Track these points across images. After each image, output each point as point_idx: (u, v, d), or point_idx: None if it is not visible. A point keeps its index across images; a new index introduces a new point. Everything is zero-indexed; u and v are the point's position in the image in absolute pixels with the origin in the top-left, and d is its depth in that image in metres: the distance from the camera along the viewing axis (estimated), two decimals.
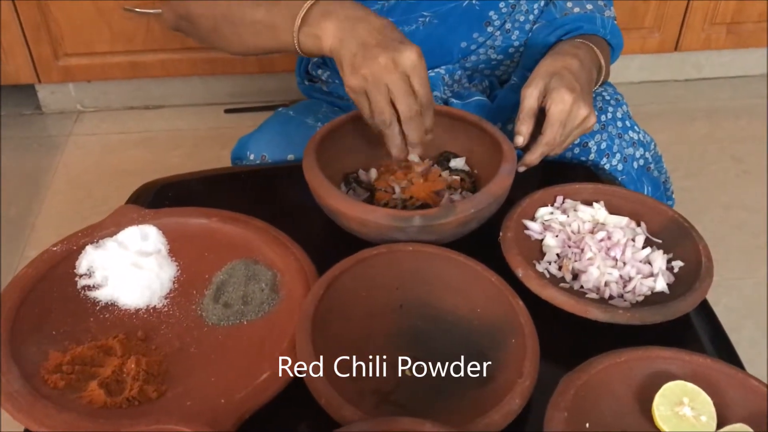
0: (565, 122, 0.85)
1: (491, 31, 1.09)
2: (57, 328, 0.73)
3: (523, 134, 0.87)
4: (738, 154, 1.98)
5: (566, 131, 0.86)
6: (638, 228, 0.84)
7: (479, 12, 1.07)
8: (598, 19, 1.06)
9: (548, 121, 0.85)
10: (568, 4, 1.08)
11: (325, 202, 0.81)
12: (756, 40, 2.09)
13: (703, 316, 0.80)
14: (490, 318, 0.73)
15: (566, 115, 0.85)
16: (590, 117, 0.87)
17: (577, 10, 1.07)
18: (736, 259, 1.67)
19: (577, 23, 1.05)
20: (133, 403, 0.66)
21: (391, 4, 1.06)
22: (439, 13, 1.07)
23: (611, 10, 1.11)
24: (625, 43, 2.05)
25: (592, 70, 0.93)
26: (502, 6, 1.07)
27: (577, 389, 0.64)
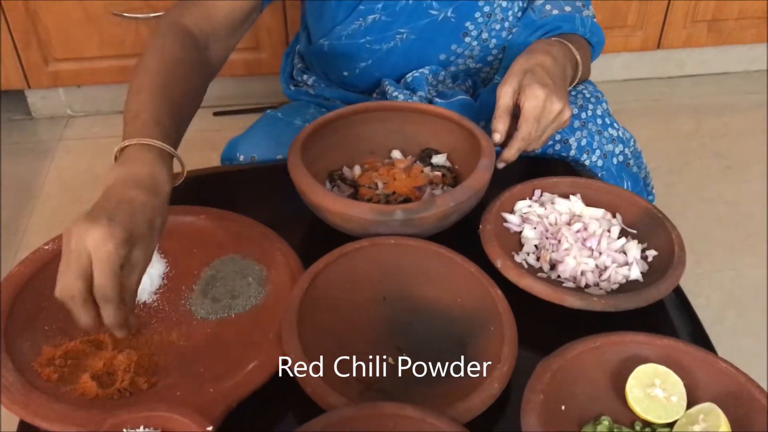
0: (539, 117, 0.88)
1: (469, 42, 1.11)
2: (49, 324, 0.75)
3: (500, 131, 0.89)
4: (720, 149, 2.01)
5: (541, 126, 0.88)
6: (614, 219, 0.87)
7: (455, 24, 1.09)
8: (578, 18, 1.08)
9: (523, 117, 0.88)
10: (546, 7, 1.10)
11: (310, 199, 0.83)
12: (736, 37, 2.12)
13: (677, 303, 0.83)
14: (470, 307, 0.76)
15: (540, 110, 0.87)
16: (565, 111, 0.89)
17: (556, 12, 1.09)
18: (718, 252, 1.70)
19: (557, 23, 1.08)
20: (124, 394, 0.68)
21: (368, 22, 1.09)
22: (415, 28, 1.09)
23: (589, 9, 1.13)
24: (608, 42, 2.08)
25: (566, 66, 0.95)
26: (478, 16, 1.09)
27: (553, 373, 0.67)
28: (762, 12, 2.07)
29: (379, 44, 1.10)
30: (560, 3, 1.10)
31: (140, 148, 0.74)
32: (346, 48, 1.12)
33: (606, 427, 0.66)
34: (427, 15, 1.08)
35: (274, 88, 2.10)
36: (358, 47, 1.11)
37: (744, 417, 0.65)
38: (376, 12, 1.07)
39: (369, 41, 1.10)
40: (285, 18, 1.92)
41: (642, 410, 0.67)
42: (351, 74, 1.15)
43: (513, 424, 0.65)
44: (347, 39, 1.11)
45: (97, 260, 0.64)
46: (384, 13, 1.07)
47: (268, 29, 1.93)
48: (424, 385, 0.70)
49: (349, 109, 0.96)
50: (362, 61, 1.13)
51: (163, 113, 0.80)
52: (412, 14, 1.08)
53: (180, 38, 0.91)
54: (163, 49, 0.89)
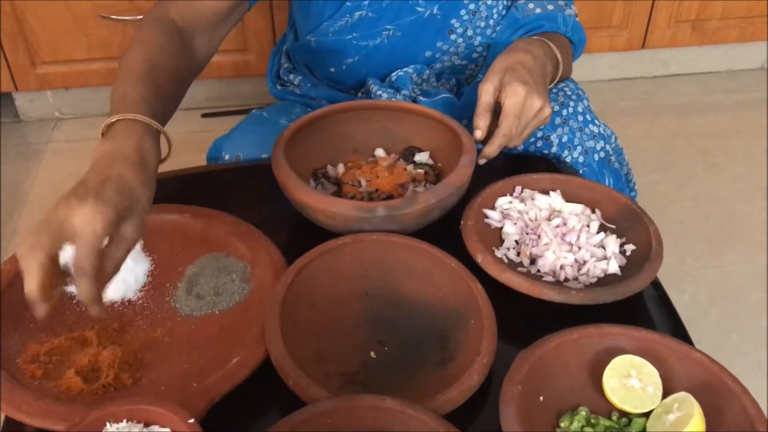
0: (519, 114, 0.89)
1: (454, 39, 1.12)
2: (34, 321, 0.75)
3: (481, 128, 0.90)
4: (705, 147, 2.03)
5: (522, 123, 0.90)
6: (593, 214, 0.88)
7: (441, 21, 1.10)
8: (560, 17, 1.10)
9: (504, 114, 0.89)
10: (529, 5, 1.12)
11: (294, 196, 0.84)
12: (720, 36, 2.14)
13: (657, 298, 0.84)
14: (450, 301, 0.77)
15: (520, 107, 0.88)
16: (545, 108, 0.90)
17: (539, 11, 1.11)
18: (703, 249, 1.72)
19: (539, 22, 1.09)
20: (108, 390, 0.69)
21: (355, 19, 1.10)
22: (402, 25, 1.10)
23: (572, 8, 1.15)
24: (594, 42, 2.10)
25: (546, 65, 0.96)
26: (463, 13, 1.11)
27: (531, 365, 0.68)
28: (744, 11, 2.09)
29: (365, 40, 1.11)
30: (543, 2, 1.12)
31: (127, 123, 0.75)
32: (333, 44, 1.13)
33: (583, 418, 0.68)
34: (413, 12, 1.09)
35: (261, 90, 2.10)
36: (344, 43, 1.12)
37: (718, 406, 0.67)
38: (363, 9, 1.08)
39: (356, 37, 1.11)
40: (272, 20, 1.93)
41: (618, 400, 0.68)
42: (338, 70, 1.16)
43: (492, 415, 0.66)
44: (334, 35, 1.12)
45: (82, 238, 0.64)
46: (370, 9, 1.08)
47: (255, 31, 1.94)
48: (404, 378, 0.72)
49: (333, 107, 0.97)
50: (349, 57, 1.14)
51: (150, 95, 0.81)
52: (398, 11, 1.09)
53: (165, 29, 0.92)
54: (149, 39, 0.90)
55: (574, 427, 0.67)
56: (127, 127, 0.75)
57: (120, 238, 0.67)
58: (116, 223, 0.66)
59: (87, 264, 0.64)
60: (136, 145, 0.74)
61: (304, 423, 0.62)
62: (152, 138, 0.77)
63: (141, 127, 0.76)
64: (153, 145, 0.76)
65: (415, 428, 0.63)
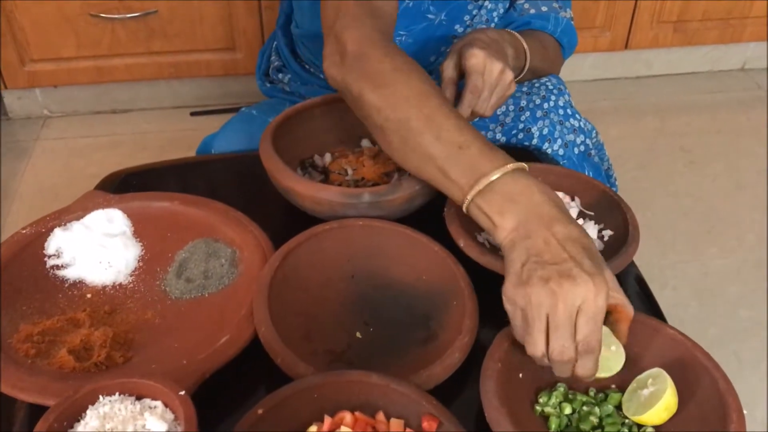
0: (483, 73, 0.89)
1: None
2: (28, 304, 0.77)
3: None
4: (685, 146, 2.07)
5: (488, 84, 0.89)
6: (572, 202, 0.91)
7: (447, 27, 1.12)
8: (552, 18, 1.12)
9: (467, 73, 0.89)
10: (525, 6, 1.14)
11: (281, 183, 0.86)
12: (701, 37, 2.18)
13: (632, 278, 0.87)
14: (433, 284, 0.79)
15: (482, 66, 0.88)
16: (506, 71, 0.89)
17: (533, 12, 1.13)
18: (683, 243, 1.75)
19: (527, 19, 1.12)
20: (100, 368, 0.71)
21: None
22: (413, 32, 1.12)
23: (567, 11, 1.17)
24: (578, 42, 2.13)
25: (503, 45, 0.96)
26: (466, 19, 1.13)
27: (510, 342, 0.70)
28: (725, 13, 2.13)
29: None
30: (538, 3, 1.14)
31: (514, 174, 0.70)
32: None
33: (561, 394, 0.70)
34: (424, 19, 1.11)
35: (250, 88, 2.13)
36: None
37: (690, 380, 0.69)
38: None
39: None
40: (261, 18, 1.95)
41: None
42: None
43: (473, 391, 0.69)
44: None
45: (586, 316, 0.61)
46: None
47: (244, 30, 1.96)
48: (389, 357, 0.74)
49: (320, 99, 0.99)
50: None
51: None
52: (412, 18, 1.10)
53: (398, 53, 0.81)
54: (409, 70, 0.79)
55: (552, 403, 0.69)
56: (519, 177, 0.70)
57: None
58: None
59: (595, 340, 0.62)
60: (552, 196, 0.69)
61: (292, 397, 0.64)
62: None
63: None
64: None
65: (399, 402, 0.65)
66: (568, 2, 1.18)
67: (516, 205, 0.68)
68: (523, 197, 0.68)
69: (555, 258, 0.63)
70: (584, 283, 0.61)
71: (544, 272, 0.62)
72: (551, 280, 0.61)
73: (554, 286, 0.61)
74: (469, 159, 0.71)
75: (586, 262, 0.62)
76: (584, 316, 0.62)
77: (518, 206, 0.67)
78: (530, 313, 0.63)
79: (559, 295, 0.61)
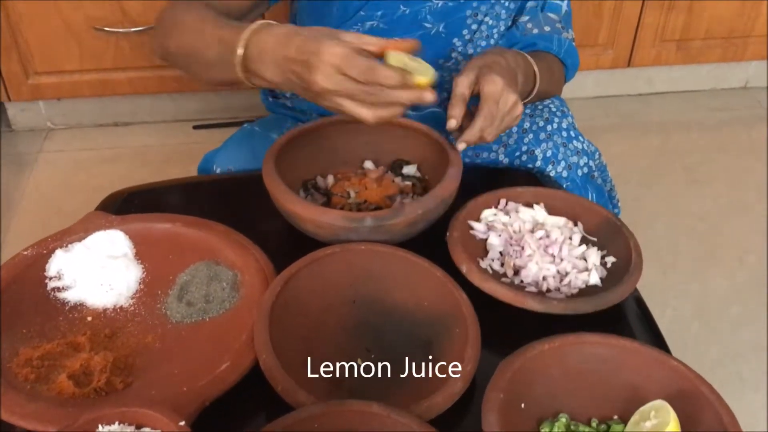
0: (498, 101, 0.90)
1: (455, 57, 1.15)
2: (28, 327, 0.77)
3: (456, 117, 0.90)
4: (688, 164, 2.06)
5: (500, 112, 0.91)
6: (575, 227, 0.90)
7: (445, 39, 1.13)
8: (555, 39, 1.12)
9: (484, 99, 0.90)
10: (528, 25, 1.15)
11: (283, 206, 0.86)
12: (703, 56, 2.18)
13: (635, 307, 0.86)
14: (436, 310, 0.79)
15: (499, 95, 0.90)
16: (518, 105, 0.91)
17: (536, 31, 1.14)
18: (685, 264, 1.75)
19: (532, 40, 1.12)
20: (100, 394, 0.70)
21: (366, 28, 1.12)
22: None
23: (569, 32, 1.17)
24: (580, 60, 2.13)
25: (516, 73, 0.97)
26: (465, 33, 1.13)
27: (513, 372, 0.70)
28: (727, 32, 2.14)
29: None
30: (541, 23, 1.15)
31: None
32: None
33: (563, 425, 0.70)
34: (421, 27, 1.12)
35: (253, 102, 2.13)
36: None
37: (693, 413, 0.69)
38: (375, 19, 1.11)
39: None
40: None
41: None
42: None
43: (475, 421, 0.68)
44: None
45: (346, 66, 0.76)
46: (382, 21, 1.11)
47: None
48: (390, 385, 0.73)
49: (323, 120, 0.99)
50: None
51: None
52: (408, 26, 1.11)
53: (203, 4, 0.96)
54: (195, 7, 0.95)
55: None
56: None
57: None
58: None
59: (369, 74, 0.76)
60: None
61: (293, 426, 0.64)
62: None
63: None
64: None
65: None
66: (569, 22, 1.19)
67: (266, 55, 0.82)
68: (268, 46, 0.82)
69: (303, 61, 0.78)
70: (323, 53, 0.77)
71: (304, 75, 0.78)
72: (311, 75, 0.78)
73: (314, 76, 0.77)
74: (229, 44, 0.85)
75: (318, 46, 0.77)
76: (346, 68, 0.76)
77: (267, 55, 0.82)
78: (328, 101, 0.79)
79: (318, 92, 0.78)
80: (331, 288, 0.81)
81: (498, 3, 1.13)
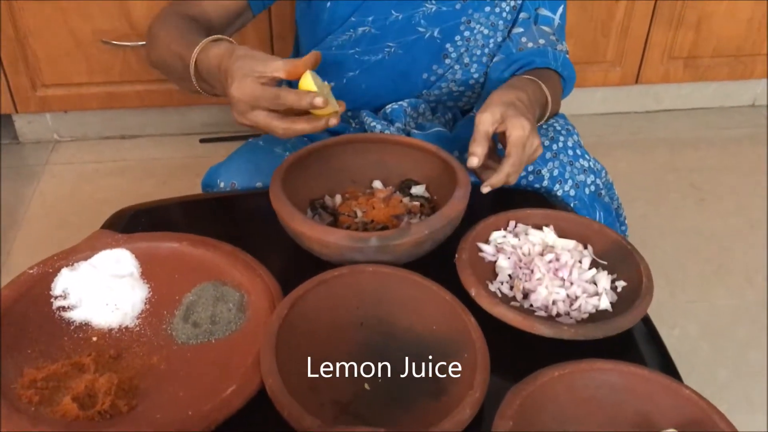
0: (525, 146, 0.90)
1: (449, 63, 1.15)
2: (33, 346, 0.76)
3: (478, 155, 0.90)
4: (696, 182, 2.05)
5: (525, 156, 0.91)
6: (585, 250, 0.90)
7: (439, 44, 1.14)
8: (550, 53, 1.13)
9: (512, 144, 0.90)
10: (522, 39, 1.15)
11: (289, 225, 0.85)
12: (712, 73, 2.18)
13: (646, 333, 0.85)
14: (444, 334, 0.78)
15: (526, 139, 0.90)
16: (540, 147, 0.93)
17: (531, 45, 1.14)
18: (693, 284, 1.73)
19: (530, 58, 1.12)
20: (105, 417, 0.69)
21: (358, 34, 1.13)
22: (404, 43, 1.13)
23: (563, 44, 1.18)
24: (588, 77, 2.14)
25: (536, 106, 0.99)
26: (458, 39, 1.14)
27: (522, 400, 0.69)
28: (735, 50, 2.13)
29: (367, 55, 1.14)
30: (535, 35, 1.15)
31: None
32: (335, 57, 1.16)
33: None
34: (415, 32, 1.12)
35: None
36: (346, 57, 1.15)
37: None
38: (367, 25, 1.12)
39: (358, 52, 1.14)
40: (272, 48, 1.96)
41: None
42: (338, 84, 1.18)
43: None
44: (337, 49, 1.15)
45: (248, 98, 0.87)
46: (374, 26, 1.12)
47: None
48: (397, 410, 0.72)
49: (331, 140, 0.99)
50: (350, 71, 1.17)
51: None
52: (401, 30, 1.12)
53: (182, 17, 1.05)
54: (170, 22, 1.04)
55: None
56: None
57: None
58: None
59: (268, 96, 0.86)
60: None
61: None
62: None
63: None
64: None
65: None
66: (562, 35, 1.19)
67: (212, 69, 0.92)
68: (206, 67, 0.93)
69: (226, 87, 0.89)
70: (231, 88, 0.87)
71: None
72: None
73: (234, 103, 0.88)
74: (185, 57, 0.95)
75: (231, 78, 0.87)
76: (251, 107, 0.87)
77: (211, 72, 0.92)
78: (253, 123, 0.89)
79: (232, 111, 0.89)
80: (338, 310, 0.80)
81: (494, 13, 1.14)
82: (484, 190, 0.92)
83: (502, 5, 1.14)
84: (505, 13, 1.14)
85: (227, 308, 0.81)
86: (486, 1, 1.13)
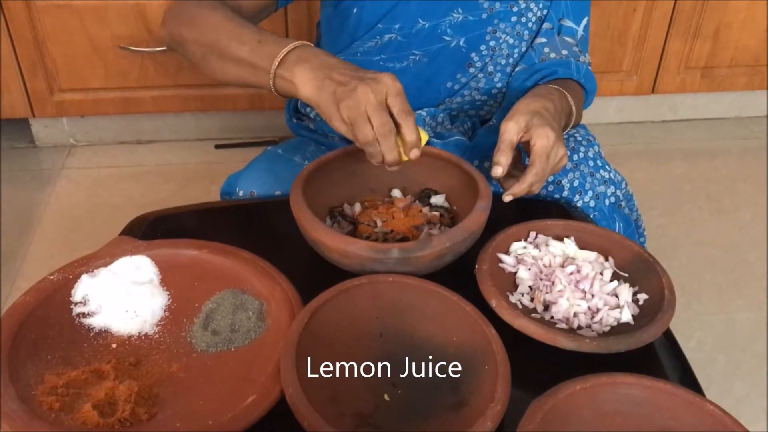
0: (549, 156, 0.90)
1: (473, 73, 1.15)
2: (53, 353, 0.76)
3: (503, 164, 0.90)
4: (712, 193, 2.04)
5: (549, 167, 0.91)
6: (606, 262, 0.89)
7: (465, 54, 1.14)
8: (573, 64, 1.12)
9: (536, 154, 0.89)
10: (545, 50, 1.15)
11: (309, 234, 0.85)
12: (728, 83, 2.17)
13: (667, 346, 0.85)
14: (464, 346, 0.77)
15: (550, 149, 0.90)
16: (565, 157, 0.93)
17: (554, 56, 1.14)
18: (709, 295, 1.72)
19: (553, 68, 1.12)
20: (125, 425, 0.69)
21: (384, 41, 1.12)
22: (429, 52, 1.13)
23: (586, 56, 1.17)
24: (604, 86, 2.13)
25: (562, 116, 0.99)
26: (483, 48, 1.13)
27: (544, 413, 0.68)
28: (753, 60, 2.12)
29: (392, 63, 1.14)
30: (558, 46, 1.15)
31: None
32: (360, 64, 1.15)
33: None
34: (440, 40, 1.12)
35: (275, 122, 2.14)
36: (371, 64, 1.15)
37: None
38: (393, 32, 1.12)
39: (383, 59, 1.14)
40: None
41: None
42: None
43: None
44: (362, 56, 1.15)
45: (392, 95, 0.84)
46: (400, 34, 1.12)
47: None
48: (417, 422, 0.72)
49: (351, 147, 0.98)
50: None
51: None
52: (426, 38, 1.12)
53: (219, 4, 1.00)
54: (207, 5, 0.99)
55: None
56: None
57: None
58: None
59: (403, 107, 0.84)
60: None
61: None
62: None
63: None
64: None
65: None
66: (585, 47, 1.18)
67: (306, 62, 0.87)
68: (310, 55, 0.88)
69: (354, 77, 0.84)
70: (383, 77, 0.84)
71: (352, 84, 0.83)
72: (359, 86, 0.83)
73: (363, 89, 0.82)
74: (268, 48, 0.91)
75: (377, 73, 0.85)
76: (391, 96, 0.84)
77: (308, 62, 0.87)
78: (354, 116, 0.83)
79: (369, 92, 0.82)
80: (357, 320, 0.80)
81: (519, 22, 1.13)
82: (506, 199, 0.92)
83: (528, 15, 1.14)
84: (531, 23, 1.14)
85: (247, 316, 0.81)
86: (512, 11, 1.13)
